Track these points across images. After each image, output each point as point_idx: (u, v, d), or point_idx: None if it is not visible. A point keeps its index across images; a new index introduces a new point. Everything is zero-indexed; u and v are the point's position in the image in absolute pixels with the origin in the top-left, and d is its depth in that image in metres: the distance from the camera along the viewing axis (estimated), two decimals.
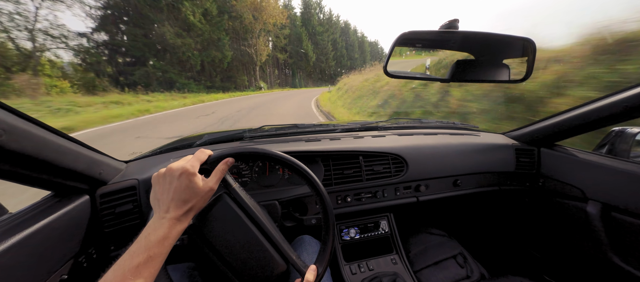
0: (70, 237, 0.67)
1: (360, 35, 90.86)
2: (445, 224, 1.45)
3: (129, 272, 0.38)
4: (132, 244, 0.41)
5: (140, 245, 0.40)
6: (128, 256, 0.39)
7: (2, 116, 0.44)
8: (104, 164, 0.77)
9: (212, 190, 0.49)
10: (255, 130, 1.21)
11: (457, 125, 1.45)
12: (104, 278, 0.38)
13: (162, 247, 0.41)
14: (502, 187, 1.26)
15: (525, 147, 1.23)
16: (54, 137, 0.58)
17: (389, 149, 1.10)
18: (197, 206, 0.48)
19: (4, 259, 0.50)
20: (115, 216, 0.78)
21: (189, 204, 0.46)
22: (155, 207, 0.46)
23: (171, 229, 0.43)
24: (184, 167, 0.46)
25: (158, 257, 0.41)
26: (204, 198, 0.48)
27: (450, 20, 0.61)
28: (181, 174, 0.46)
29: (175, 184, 0.45)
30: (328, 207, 0.56)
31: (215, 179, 0.50)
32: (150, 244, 0.41)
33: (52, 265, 0.61)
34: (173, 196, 0.45)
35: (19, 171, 0.53)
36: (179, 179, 0.45)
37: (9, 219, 0.60)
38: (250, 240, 0.54)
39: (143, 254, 0.39)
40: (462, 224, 1.57)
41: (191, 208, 0.46)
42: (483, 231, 1.54)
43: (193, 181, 0.46)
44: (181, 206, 0.45)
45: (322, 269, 0.54)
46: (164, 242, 0.42)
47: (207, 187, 0.48)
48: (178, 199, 0.45)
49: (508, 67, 0.84)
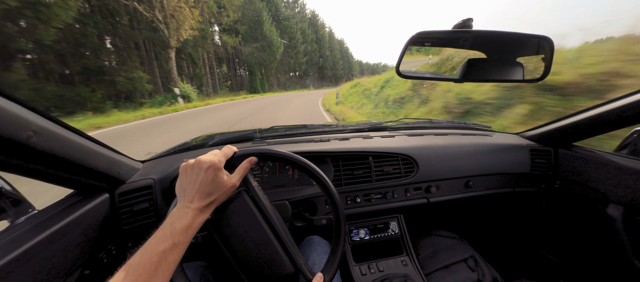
0: (92, 234, 0.70)
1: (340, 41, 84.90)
2: (456, 226, 1.43)
3: (155, 256, 0.40)
4: (157, 230, 0.43)
5: (166, 232, 0.42)
6: (154, 241, 0.41)
7: (33, 118, 0.47)
8: (122, 164, 0.80)
9: (235, 186, 0.51)
10: (266, 130, 1.22)
11: (468, 125, 1.43)
12: (131, 260, 0.39)
13: (186, 236, 0.43)
14: (516, 189, 1.23)
15: (541, 147, 1.19)
16: (78, 138, 0.61)
17: (398, 150, 1.09)
18: (219, 199, 0.50)
19: (33, 253, 0.53)
20: (132, 214, 0.81)
21: (213, 196, 0.48)
22: (180, 196, 0.48)
23: (195, 218, 0.45)
24: (212, 161, 0.48)
25: (182, 245, 0.43)
26: (226, 193, 0.50)
27: (464, 19, 0.60)
28: (209, 167, 0.48)
29: (202, 176, 0.47)
30: (341, 215, 0.57)
31: (238, 176, 0.52)
32: (175, 231, 0.43)
33: (75, 260, 0.64)
34: (199, 187, 0.47)
35: (46, 170, 0.56)
36: (206, 171, 0.47)
37: (36, 216, 0.64)
38: (263, 239, 0.55)
39: (169, 241, 0.41)
40: (474, 227, 1.53)
41: (214, 201, 0.48)
42: (495, 234, 1.50)
43: (219, 175, 0.48)
44: (205, 198, 0.47)
45: (330, 277, 0.55)
46: (187, 231, 0.44)
47: (230, 182, 0.50)
48: (203, 190, 0.47)
49: (522, 65, 0.82)
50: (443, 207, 1.20)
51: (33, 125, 0.47)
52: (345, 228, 0.58)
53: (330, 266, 0.56)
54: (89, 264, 0.72)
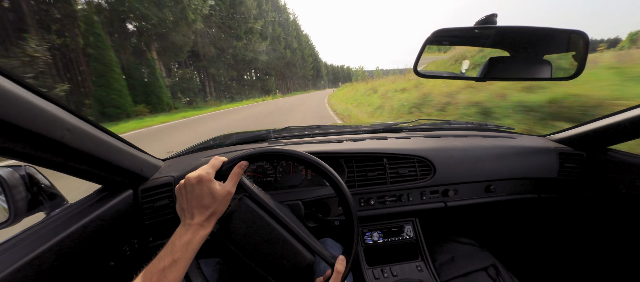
0: (117, 227, 0.75)
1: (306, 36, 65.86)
2: (476, 232, 1.36)
3: (155, 274, 0.41)
4: (161, 250, 0.45)
5: (167, 250, 0.44)
6: (156, 260, 0.43)
7: (67, 118, 0.51)
8: (145, 162, 0.85)
9: (230, 193, 0.51)
10: (280, 130, 1.24)
11: (490, 126, 1.36)
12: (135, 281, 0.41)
13: (186, 252, 0.45)
14: (542, 195, 1.15)
15: (571, 151, 1.11)
16: (106, 137, 0.65)
17: (414, 151, 1.06)
18: (218, 210, 0.50)
19: (66, 243, 0.58)
20: (153, 210, 0.85)
21: (211, 209, 0.48)
22: (181, 216, 0.50)
23: (195, 234, 0.46)
24: (200, 175, 0.49)
25: (182, 261, 0.44)
26: (223, 202, 0.50)
27: (487, 15, 0.57)
28: (198, 181, 0.49)
29: (195, 191, 0.48)
30: (345, 191, 0.56)
31: (232, 183, 0.52)
32: (175, 248, 0.44)
33: (102, 251, 0.68)
34: (194, 203, 0.48)
35: (78, 166, 0.60)
36: (198, 186, 0.48)
37: (69, 208, 0.69)
38: (275, 237, 0.56)
39: (168, 258, 0.43)
40: (495, 234, 1.45)
41: (213, 213, 0.49)
42: (518, 242, 1.41)
43: (210, 186, 0.49)
44: (203, 212, 0.48)
45: (350, 260, 0.55)
46: (187, 247, 0.45)
47: (224, 191, 0.50)
48: (199, 205, 0.48)
49: (550, 63, 0.77)
50: (461, 212, 1.15)
51: (67, 124, 0.51)
52: (353, 203, 0.57)
53: (349, 250, 0.56)
54: (114, 256, 0.76)
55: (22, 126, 0.41)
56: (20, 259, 0.49)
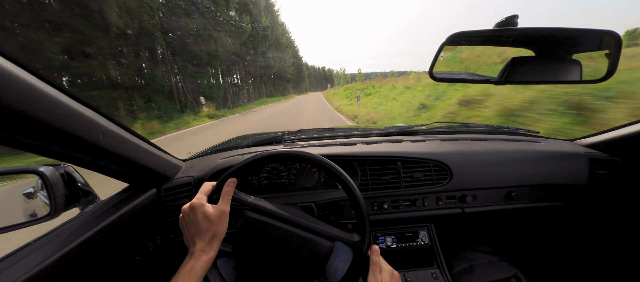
0: (142, 224, 0.79)
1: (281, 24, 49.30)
2: (496, 241, 1.30)
3: None
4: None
5: (174, 279, 0.47)
6: None
7: (101, 121, 0.56)
8: (168, 162, 0.90)
9: (224, 212, 0.52)
10: (294, 133, 1.26)
11: (511, 130, 1.30)
12: None
13: (189, 278, 0.47)
14: (570, 203, 1.08)
15: (604, 157, 1.03)
16: (134, 139, 0.69)
17: (430, 155, 1.04)
18: (218, 230, 0.51)
19: (99, 237, 0.63)
20: (175, 208, 0.90)
21: (209, 232, 0.50)
22: (188, 247, 0.52)
23: (197, 260, 0.48)
24: (192, 204, 0.52)
25: None
26: (219, 222, 0.51)
27: (508, 16, 0.55)
28: (192, 210, 0.51)
29: (191, 219, 0.51)
30: (356, 193, 0.56)
31: (224, 201, 0.53)
32: (178, 276, 0.47)
33: (129, 246, 0.73)
34: (193, 230, 0.50)
35: (109, 166, 0.65)
36: (193, 214, 0.51)
37: (100, 205, 0.74)
38: (287, 237, 0.56)
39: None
40: (517, 243, 1.38)
41: (213, 235, 0.50)
42: (543, 253, 1.33)
43: (204, 211, 0.51)
44: (203, 237, 0.50)
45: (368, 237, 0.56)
46: (190, 273, 0.47)
47: (218, 211, 0.52)
48: (197, 231, 0.50)
49: (579, 64, 0.72)
50: (480, 219, 1.10)
51: (102, 127, 0.55)
52: (369, 224, 0.56)
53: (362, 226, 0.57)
54: (139, 250, 0.81)
55: (64, 129, 0.46)
56: (60, 249, 0.54)
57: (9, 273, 0.47)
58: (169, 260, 0.92)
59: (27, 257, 0.52)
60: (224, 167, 0.97)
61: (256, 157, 0.58)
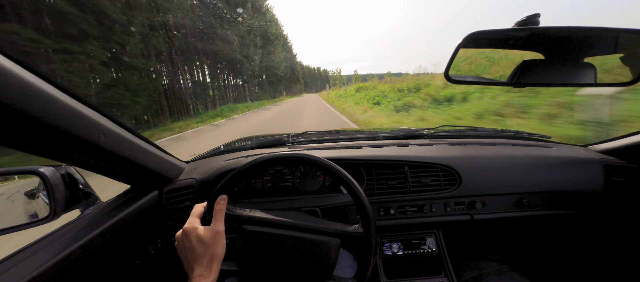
0: (143, 227, 0.78)
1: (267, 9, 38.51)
2: (506, 249, 1.26)
3: None
4: None
5: None
6: None
7: (103, 122, 0.54)
8: (170, 164, 0.88)
9: (218, 232, 0.50)
10: (298, 135, 1.24)
11: (522, 135, 1.26)
12: None
13: None
14: (584, 211, 1.04)
15: (621, 163, 0.99)
16: (136, 140, 0.68)
17: (438, 160, 1.01)
18: (216, 252, 0.49)
19: (99, 240, 0.61)
20: (177, 211, 0.88)
21: (206, 255, 0.48)
22: (187, 274, 0.50)
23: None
24: (184, 229, 0.51)
25: None
26: (215, 243, 0.49)
27: (528, 15, 0.53)
28: (185, 235, 0.50)
29: (186, 245, 0.49)
30: (362, 198, 0.55)
31: (217, 221, 0.51)
32: None
33: (130, 250, 0.72)
34: (190, 256, 0.49)
35: (110, 167, 0.64)
36: (187, 240, 0.50)
37: (101, 207, 0.73)
38: (291, 243, 0.54)
39: None
40: (528, 252, 1.33)
41: (211, 257, 0.48)
42: (555, 263, 1.28)
43: (197, 234, 0.49)
44: (200, 261, 0.48)
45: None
46: None
47: (211, 232, 0.50)
48: (194, 257, 0.48)
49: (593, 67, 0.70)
50: (490, 227, 1.06)
51: (103, 128, 0.54)
52: (369, 206, 0.54)
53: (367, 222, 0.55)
54: (140, 254, 0.80)
55: (66, 130, 0.45)
56: (59, 253, 0.53)
57: (4, 278, 0.46)
58: (170, 265, 0.90)
59: (25, 260, 0.50)
60: (227, 169, 0.95)
61: (258, 160, 0.56)
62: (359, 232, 0.55)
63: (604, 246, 1.12)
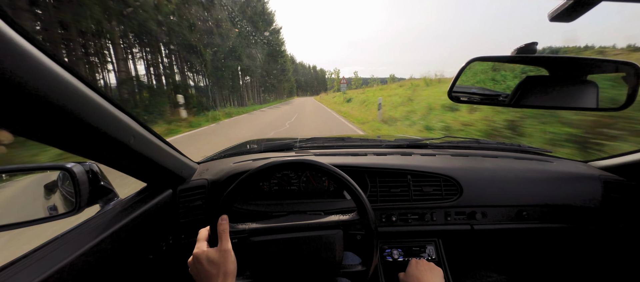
0: (158, 223, 0.82)
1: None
2: (504, 262, 1.28)
3: None
4: None
5: None
6: None
7: (132, 124, 0.59)
8: (184, 164, 0.92)
9: (226, 250, 0.53)
10: (305, 141, 1.28)
11: (523, 148, 1.29)
12: None
13: None
14: (582, 226, 1.06)
15: (620, 180, 1.02)
16: (156, 140, 0.72)
17: (440, 170, 1.04)
18: (228, 270, 0.51)
19: (120, 234, 0.65)
20: (188, 210, 0.92)
21: (219, 275, 0.51)
22: None
23: None
24: (194, 255, 0.54)
25: None
26: (225, 261, 0.52)
27: (527, 43, 0.57)
28: (196, 260, 0.53)
29: (200, 269, 0.53)
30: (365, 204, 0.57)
31: (224, 240, 0.54)
32: None
33: (145, 244, 0.75)
34: (205, 278, 0.52)
35: (132, 166, 0.68)
36: (199, 264, 0.53)
37: (120, 203, 0.77)
38: (298, 243, 0.57)
39: None
40: (526, 265, 1.35)
41: (224, 275, 0.51)
42: (553, 277, 1.30)
43: (207, 257, 0.52)
44: (215, 280, 0.51)
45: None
46: None
47: (220, 252, 0.52)
48: (208, 278, 0.51)
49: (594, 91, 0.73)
50: (489, 238, 1.09)
51: (133, 131, 0.58)
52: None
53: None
54: (153, 250, 0.84)
55: (104, 132, 0.49)
56: (87, 243, 0.57)
57: (40, 264, 0.50)
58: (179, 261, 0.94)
59: (57, 249, 0.54)
60: (237, 171, 0.99)
61: (267, 165, 0.59)
62: (357, 218, 0.58)
63: (601, 261, 1.14)
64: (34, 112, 0.37)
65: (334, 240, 0.57)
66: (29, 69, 0.34)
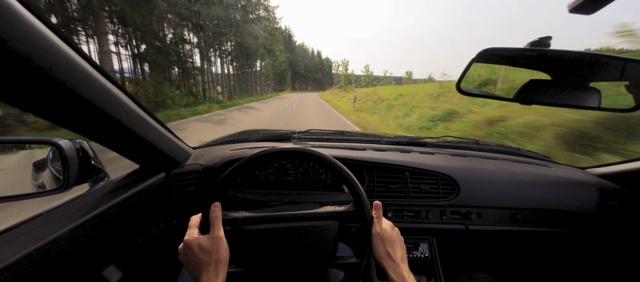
0: (149, 206, 0.80)
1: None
2: (497, 264, 1.28)
3: None
4: None
5: None
6: None
7: (126, 101, 0.56)
8: (179, 148, 0.90)
9: (218, 237, 0.51)
10: (303, 133, 1.26)
11: (522, 151, 1.29)
12: None
13: None
14: (575, 231, 1.06)
15: (615, 188, 1.02)
16: (152, 121, 0.70)
17: (439, 168, 1.04)
18: (220, 257, 0.50)
19: (109, 214, 0.63)
20: (181, 194, 0.90)
21: (211, 261, 0.49)
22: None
23: None
24: (185, 242, 0.52)
25: None
26: (217, 248, 0.50)
27: (541, 37, 0.55)
28: (187, 247, 0.52)
29: (190, 256, 0.51)
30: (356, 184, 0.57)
31: (216, 227, 0.52)
32: None
33: (135, 227, 0.74)
34: (195, 266, 0.50)
35: (125, 144, 0.66)
36: (190, 251, 0.51)
37: (110, 183, 0.75)
38: (292, 233, 0.56)
39: None
40: (517, 268, 1.36)
41: (216, 262, 0.49)
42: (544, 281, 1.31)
43: (198, 244, 0.51)
44: (206, 267, 0.49)
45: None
46: None
47: (212, 238, 0.51)
48: (199, 265, 0.50)
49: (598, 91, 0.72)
50: (483, 238, 1.09)
51: (126, 107, 0.56)
52: (358, 184, 0.57)
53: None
54: (143, 233, 0.82)
55: (95, 104, 0.47)
56: (74, 221, 0.55)
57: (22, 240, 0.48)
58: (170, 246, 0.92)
59: (40, 226, 0.52)
60: (233, 158, 0.97)
61: (264, 152, 0.57)
62: (352, 210, 0.57)
63: (593, 267, 1.14)
64: (15, 74, 0.35)
65: (328, 231, 0.56)
66: (12, 29, 0.32)
